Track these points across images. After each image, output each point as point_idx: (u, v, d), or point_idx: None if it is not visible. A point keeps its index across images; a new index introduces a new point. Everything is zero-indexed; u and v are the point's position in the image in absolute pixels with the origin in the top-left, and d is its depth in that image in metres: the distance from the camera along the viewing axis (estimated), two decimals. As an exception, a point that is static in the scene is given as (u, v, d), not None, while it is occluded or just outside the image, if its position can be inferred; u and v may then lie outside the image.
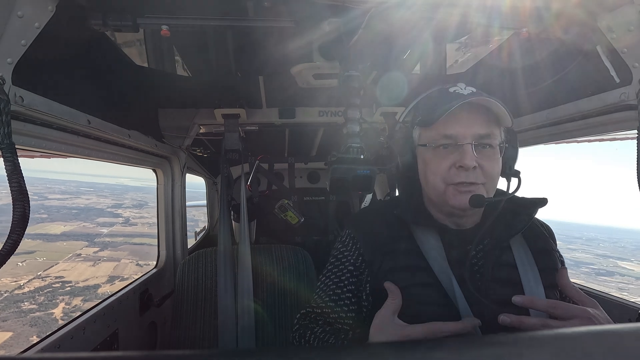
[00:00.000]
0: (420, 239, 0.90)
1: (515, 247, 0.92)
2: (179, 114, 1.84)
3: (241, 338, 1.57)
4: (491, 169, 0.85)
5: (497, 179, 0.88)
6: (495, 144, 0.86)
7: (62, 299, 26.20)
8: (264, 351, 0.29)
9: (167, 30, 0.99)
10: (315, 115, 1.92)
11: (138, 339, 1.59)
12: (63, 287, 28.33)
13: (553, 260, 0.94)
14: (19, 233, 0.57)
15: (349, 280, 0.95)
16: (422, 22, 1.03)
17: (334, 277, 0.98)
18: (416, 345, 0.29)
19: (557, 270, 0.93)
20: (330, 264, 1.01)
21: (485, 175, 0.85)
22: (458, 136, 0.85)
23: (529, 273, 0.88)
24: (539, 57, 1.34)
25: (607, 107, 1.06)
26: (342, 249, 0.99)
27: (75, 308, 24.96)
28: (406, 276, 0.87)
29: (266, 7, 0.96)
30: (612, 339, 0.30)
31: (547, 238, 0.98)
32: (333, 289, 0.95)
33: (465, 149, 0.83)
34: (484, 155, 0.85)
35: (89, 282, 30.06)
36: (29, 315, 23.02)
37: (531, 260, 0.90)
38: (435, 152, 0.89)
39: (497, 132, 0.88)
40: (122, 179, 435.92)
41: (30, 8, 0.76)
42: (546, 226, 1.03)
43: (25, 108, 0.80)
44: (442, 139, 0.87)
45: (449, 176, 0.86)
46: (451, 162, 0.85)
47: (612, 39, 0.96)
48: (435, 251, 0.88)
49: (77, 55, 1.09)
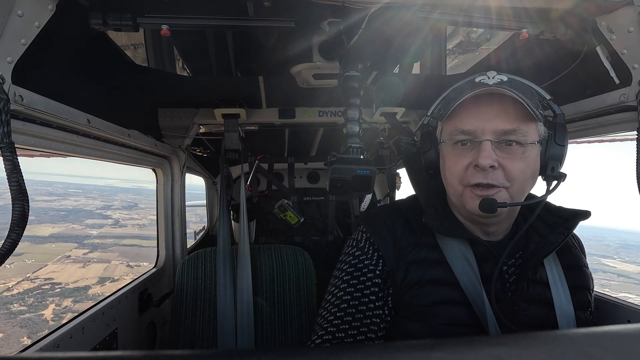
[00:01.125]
0: (447, 250, 0.80)
1: (547, 262, 0.82)
2: (179, 113, 1.84)
3: (240, 338, 1.57)
4: (516, 170, 0.74)
5: (526, 182, 0.77)
6: (525, 141, 0.74)
7: (52, 300, 26.13)
8: (263, 351, 0.29)
9: (167, 30, 0.99)
10: (315, 115, 1.92)
11: (137, 339, 1.58)
12: (53, 289, 28.26)
13: (585, 279, 0.84)
14: (18, 232, 0.57)
15: (377, 295, 0.81)
16: (422, 23, 1.03)
17: (353, 290, 0.82)
18: (416, 346, 0.29)
19: (589, 290, 0.83)
20: (347, 273, 0.85)
21: (508, 177, 0.74)
22: (476, 131, 0.75)
23: (560, 292, 0.79)
24: (539, 58, 1.34)
25: (607, 108, 1.06)
26: (361, 257, 0.85)
27: (66, 309, 24.91)
28: (433, 292, 0.77)
29: (266, 7, 0.96)
30: (613, 341, 0.30)
31: (578, 252, 0.88)
32: (356, 305, 0.79)
33: (483, 147, 0.73)
34: (509, 153, 0.74)
35: (79, 283, 29.97)
36: (19, 316, 22.99)
37: (562, 277, 0.81)
38: (453, 149, 0.79)
39: (531, 128, 0.75)
40: (111, 180, 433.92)
41: (30, 7, 0.75)
42: (576, 237, 0.92)
43: (24, 107, 0.80)
44: (459, 134, 0.77)
45: (465, 177, 0.76)
46: (468, 161, 0.75)
47: (611, 40, 0.96)
48: (466, 264, 0.78)
49: (77, 55, 1.09)
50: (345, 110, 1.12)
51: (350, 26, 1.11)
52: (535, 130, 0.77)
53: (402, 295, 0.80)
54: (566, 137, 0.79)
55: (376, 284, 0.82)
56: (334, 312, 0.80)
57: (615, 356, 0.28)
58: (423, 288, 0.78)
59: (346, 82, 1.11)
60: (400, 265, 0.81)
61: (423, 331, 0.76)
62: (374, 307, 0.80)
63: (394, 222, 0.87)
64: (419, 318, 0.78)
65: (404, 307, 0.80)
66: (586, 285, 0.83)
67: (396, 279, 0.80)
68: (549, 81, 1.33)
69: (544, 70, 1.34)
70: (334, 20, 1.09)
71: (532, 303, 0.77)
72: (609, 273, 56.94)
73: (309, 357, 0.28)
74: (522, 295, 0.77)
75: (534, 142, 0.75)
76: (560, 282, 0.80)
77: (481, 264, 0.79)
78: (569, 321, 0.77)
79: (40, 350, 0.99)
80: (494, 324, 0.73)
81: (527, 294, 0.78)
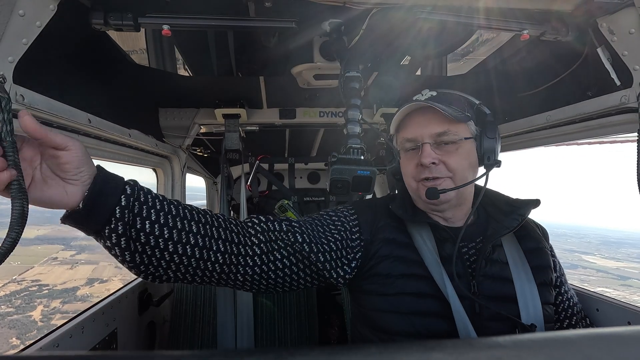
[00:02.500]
0: (413, 234, 0.94)
1: (506, 246, 0.95)
2: (180, 113, 1.84)
3: (240, 338, 1.57)
4: (454, 162, 0.90)
5: (466, 171, 0.92)
6: (456, 139, 0.90)
7: (40, 301, 26.15)
8: (263, 351, 0.29)
9: (168, 30, 0.99)
10: (315, 115, 1.92)
11: (137, 339, 1.58)
12: (40, 290, 28.26)
13: (545, 259, 0.97)
14: (18, 231, 0.57)
15: (337, 229, 0.94)
16: (422, 24, 1.03)
17: (321, 219, 0.96)
18: (415, 347, 0.29)
19: (550, 268, 0.96)
20: (319, 214, 0.99)
21: (449, 169, 0.90)
22: (417, 138, 0.92)
23: (520, 270, 0.91)
24: (540, 59, 1.34)
25: (608, 109, 1.06)
26: (339, 214, 0.99)
27: (54, 310, 24.93)
28: (402, 267, 0.90)
29: (267, 8, 0.96)
30: (612, 342, 0.30)
31: (540, 237, 1.00)
32: (316, 224, 0.93)
33: (423, 149, 0.90)
34: (445, 151, 0.91)
35: (67, 284, 29.94)
36: (6, 318, 23.00)
37: (523, 259, 0.93)
38: (406, 155, 0.97)
39: (460, 128, 0.91)
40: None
41: (31, 7, 0.76)
42: (540, 227, 1.05)
43: (26, 106, 0.80)
44: (406, 142, 0.95)
45: (416, 174, 0.93)
46: (416, 162, 0.92)
47: (612, 42, 0.96)
48: (427, 246, 0.92)
49: (78, 54, 1.09)
50: (346, 111, 1.12)
51: (351, 27, 1.11)
52: (466, 129, 0.92)
53: (372, 267, 0.92)
54: (496, 131, 0.94)
55: (345, 230, 0.94)
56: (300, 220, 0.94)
57: (615, 358, 0.28)
58: (391, 262, 0.91)
59: (347, 83, 1.11)
60: (375, 240, 0.94)
61: (391, 303, 0.88)
62: (335, 229, 0.93)
63: (377, 206, 1.03)
64: (385, 289, 0.90)
65: (373, 277, 0.91)
66: (547, 264, 0.96)
67: (369, 249, 0.93)
68: (550, 82, 1.33)
69: (545, 71, 1.34)
70: (334, 21, 1.09)
71: (490, 279, 0.90)
72: (588, 269, 58.15)
73: (309, 357, 0.28)
74: (481, 272, 0.90)
75: (464, 138, 0.91)
76: (521, 263, 0.92)
77: (442, 245, 0.92)
78: (532, 295, 0.89)
79: (40, 349, 0.99)
80: (454, 296, 0.84)
81: (485, 270, 0.90)
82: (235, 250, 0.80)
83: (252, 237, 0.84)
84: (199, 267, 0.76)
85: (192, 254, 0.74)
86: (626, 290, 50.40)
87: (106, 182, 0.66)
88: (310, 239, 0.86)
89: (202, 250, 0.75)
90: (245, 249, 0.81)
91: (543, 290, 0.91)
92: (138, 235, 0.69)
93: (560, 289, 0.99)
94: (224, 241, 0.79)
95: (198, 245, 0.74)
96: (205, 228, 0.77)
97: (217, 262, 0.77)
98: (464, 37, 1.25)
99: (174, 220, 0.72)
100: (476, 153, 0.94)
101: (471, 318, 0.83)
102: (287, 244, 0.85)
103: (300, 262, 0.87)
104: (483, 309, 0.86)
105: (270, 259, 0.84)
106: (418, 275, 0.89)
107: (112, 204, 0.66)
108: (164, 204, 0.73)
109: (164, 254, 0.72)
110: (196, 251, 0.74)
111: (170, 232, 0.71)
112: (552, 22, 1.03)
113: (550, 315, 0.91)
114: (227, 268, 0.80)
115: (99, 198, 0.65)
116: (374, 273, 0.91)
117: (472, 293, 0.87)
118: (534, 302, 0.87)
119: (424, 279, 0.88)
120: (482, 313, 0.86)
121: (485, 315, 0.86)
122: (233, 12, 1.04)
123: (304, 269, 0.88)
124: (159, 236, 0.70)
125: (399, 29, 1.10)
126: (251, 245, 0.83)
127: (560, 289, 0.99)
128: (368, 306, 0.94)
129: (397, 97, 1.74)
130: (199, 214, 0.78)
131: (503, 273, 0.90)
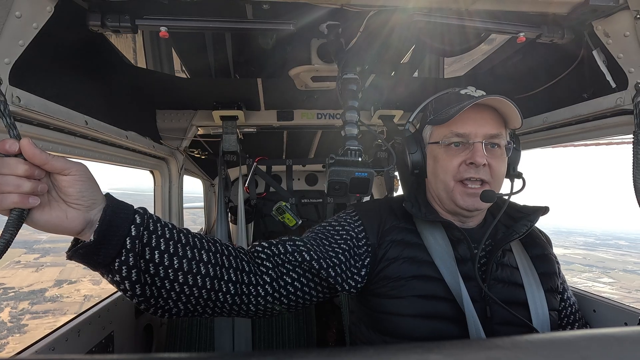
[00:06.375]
0: (424, 234, 0.92)
1: (515, 251, 0.94)
2: (177, 115, 1.83)
3: (237, 341, 1.56)
4: (499, 168, 0.89)
5: (502, 179, 0.91)
6: (503, 144, 0.90)
7: (7, 304, 25.83)
8: (261, 354, 0.29)
9: (165, 32, 0.99)
10: (313, 117, 1.92)
11: (133, 342, 1.57)
12: (6, 293, 27.87)
13: (552, 265, 0.97)
14: (12, 232, 0.57)
15: (343, 239, 0.91)
16: (419, 26, 1.04)
17: (325, 231, 0.93)
18: (414, 348, 0.29)
19: (556, 274, 0.96)
20: (323, 227, 0.96)
21: (492, 173, 0.88)
22: (470, 135, 0.88)
23: (530, 276, 0.90)
24: (536, 61, 1.35)
25: (604, 111, 1.07)
26: (343, 223, 0.96)
27: (23, 311, 24.76)
28: (412, 268, 0.88)
29: (265, 10, 0.96)
30: (610, 343, 0.30)
31: (545, 244, 1.00)
32: (321, 238, 0.91)
33: (477, 147, 0.86)
34: (493, 154, 0.88)
35: (35, 286, 29.49)
36: None
37: (531, 265, 0.93)
38: (447, 150, 0.91)
39: (505, 134, 0.91)
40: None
41: (28, 8, 0.75)
42: (544, 234, 1.05)
43: (22, 108, 0.80)
44: (454, 137, 0.90)
45: (458, 173, 0.89)
46: (462, 160, 0.88)
47: (608, 44, 0.97)
48: (441, 247, 0.89)
49: (75, 56, 1.08)
50: (344, 113, 1.12)
51: (348, 29, 1.11)
52: (506, 136, 0.92)
53: (381, 270, 0.89)
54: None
55: (351, 238, 0.91)
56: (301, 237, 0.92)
57: (612, 359, 0.28)
58: (401, 264, 0.88)
59: (344, 85, 1.11)
60: (382, 243, 0.91)
61: (401, 306, 0.85)
62: (341, 238, 0.91)
63: (381, 208, 1.00)
64: (396, 292, 0.87)
65: (383, 281, 0.89)
66: (553, 271, 0.96)
67: (377, 253, 0.90)
68: (546, 84, 1.33)
69: (541, 74, 1.35)
70: (332, 23, 1.09)
71: (501, 283, 0.89)
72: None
73: (307, 359, 0.28)
74: (493, 275, 0.88)
75: (506, 146, 0.91)
76: (530, 269, 0.92)
77: (455, 246, 0.90)
78: (541, 301, 0.88)
79: (36, 353, 0.98)
80: (467, 299, 0.82)
81: (496, 274, 0.89)
82: (246, 280, 0.77)
83: (260, 267, 0.82)
84: (210, 299, 0.74)
85: (202, 284, 0.71)
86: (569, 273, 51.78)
87: (116, 212, 0.63)
88: (317, 255, 0.84)
89: (214, 280, 0.72)
90: (256, 278, 0.79)
91: (549, 296, 0.91)
92: (147, 266, 0.66)
93: (564, 295, 0.99)
94: (235, 270, 0.76)
95: (209, 275, 0.72)
96: (216, 257, 0.74)
97: (229, 292, 0.75)
98: (467, 42, 1.24)
99: (184, 249, 0.69)
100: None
101: (482, 322, 0.82)
102: (296, 265, 0.83)
103: (311, 280, 0.85)
104: (494, 313, 0.84)
105: (281, 284, 0.82)
106: (429, 276, 0.87)
107: (122, 235, 0.62)
108: (174, 232, 0.70)
109: (174, 285, 0.69)
110: (207, 282, 0.71)
111: (180, 262, 0.68)
112: (548, 25, 1.04)
113: (555, 321, 0.91)
114: (239, 298, 0.77)
115: (109, 229, 0.61)
116: (383, 276, 0.89)
117: (482, 297, 0.85)
118: (543, 308, 0.87)
119: (436, 281, 0.86)
120: (493, 317, 0.85)
121: (496, 319, 0.85)
122: (231, 14, 1.04)
123: (316, 287, 0.86)
124: (169, 267, 0.67)
125: (396, 31, 1.11)
126: (261, 274, 0.81)
127: (564, 295, 0.99)
128: (377, 309, 0.91)
129: (394, 99, 1.74)
130: (208, 243, 0.75)
131: (513, 278, 0.90)
